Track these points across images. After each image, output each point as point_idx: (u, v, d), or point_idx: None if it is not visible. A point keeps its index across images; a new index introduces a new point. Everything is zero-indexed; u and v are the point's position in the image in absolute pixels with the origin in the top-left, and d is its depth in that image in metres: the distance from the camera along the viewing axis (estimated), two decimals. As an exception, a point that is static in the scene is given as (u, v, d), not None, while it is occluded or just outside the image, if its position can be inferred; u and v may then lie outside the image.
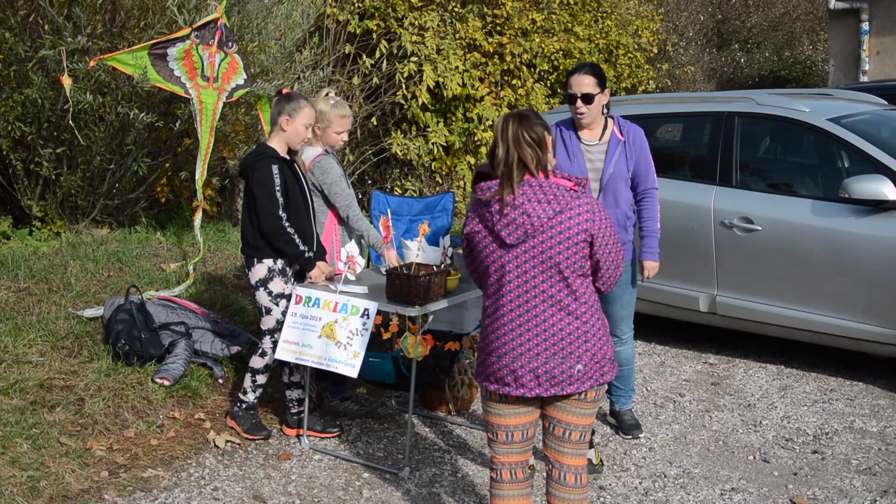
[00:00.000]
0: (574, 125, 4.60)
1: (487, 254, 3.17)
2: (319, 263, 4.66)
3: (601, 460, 4.51)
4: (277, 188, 4.45)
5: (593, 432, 4.46)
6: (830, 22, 14.21)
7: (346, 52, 9.21)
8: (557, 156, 4.47)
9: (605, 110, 4.59)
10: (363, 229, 4.84)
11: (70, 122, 6.10)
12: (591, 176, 4.51)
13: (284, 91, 4.73)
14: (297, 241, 4.49)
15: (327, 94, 4.80)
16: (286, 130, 4.55)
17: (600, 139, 4.57)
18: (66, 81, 5.80)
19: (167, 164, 7.46)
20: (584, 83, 4.48)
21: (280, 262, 4.59)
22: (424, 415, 5.20)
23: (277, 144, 4.57)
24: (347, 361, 4.31)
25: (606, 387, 4.56)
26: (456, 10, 9.60)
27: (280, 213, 4.45)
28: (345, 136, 4.89)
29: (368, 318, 4.30)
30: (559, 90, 10.56)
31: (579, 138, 4.58)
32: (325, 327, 4.38)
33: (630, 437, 4.88)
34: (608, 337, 3.22)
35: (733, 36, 18.90)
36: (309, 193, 4.68)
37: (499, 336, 3.17)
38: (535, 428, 3.32)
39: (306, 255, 4.52)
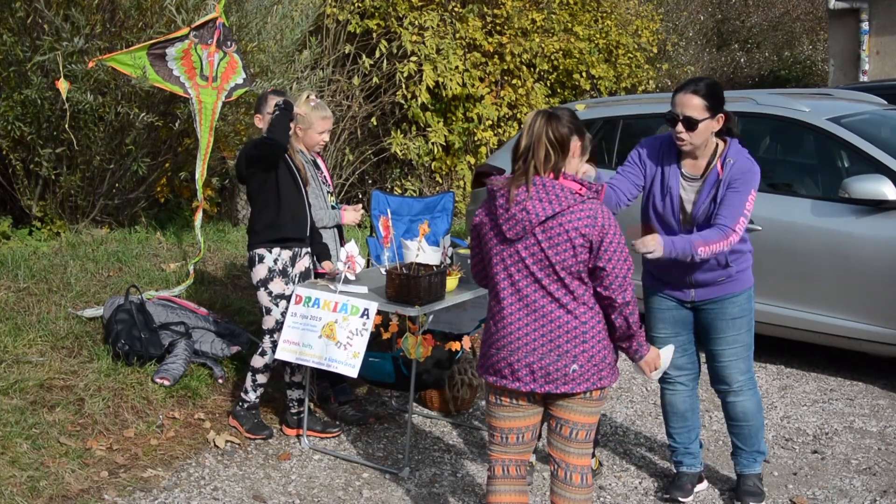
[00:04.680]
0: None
1: (491, 246, 3.20)
2: (325, 263, 4.75)
3: (600, 463, 4.51)
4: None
5: (597, 442, 4.45)
6: (830, 22, 14.21)
7: (346, 51, 9.21)
8: (652, 189, 3.97)
9: (713, 134, 3.88)
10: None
11: (65, 126, 6.09)
12: (683, 217, 3.93)
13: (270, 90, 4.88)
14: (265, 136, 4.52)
15: (308, 97, 4.84)
16: (261, 128, 4.71)
17: (702, 174, 3.88)
18: (63, 86, 5.80)
19: (167, 164, 7.47)
20: (690, 104, 3.78)
21: (280, 263, 4.61)
22: (424, 415, 5.20)
23: None
24: (347, 361, 4.32)
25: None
26: (456, 9, 9.60)
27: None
28: (325, 137, 4.92)
29: (368, 318, 4.30)
30: (559, 90, 10.56)
31: (680, 169, 3.92)
32: (325, 327, 4.38)
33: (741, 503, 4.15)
34: (610, 342, 3.21)
35: (733, 36, 18.90)
36: (304, 187, 4.70)
37: (499, 329, 3.20)
38: (532, 432, 3.33)
39: (273, 141, 4.48)
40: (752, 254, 4.07)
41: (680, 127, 3.81)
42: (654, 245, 3.73)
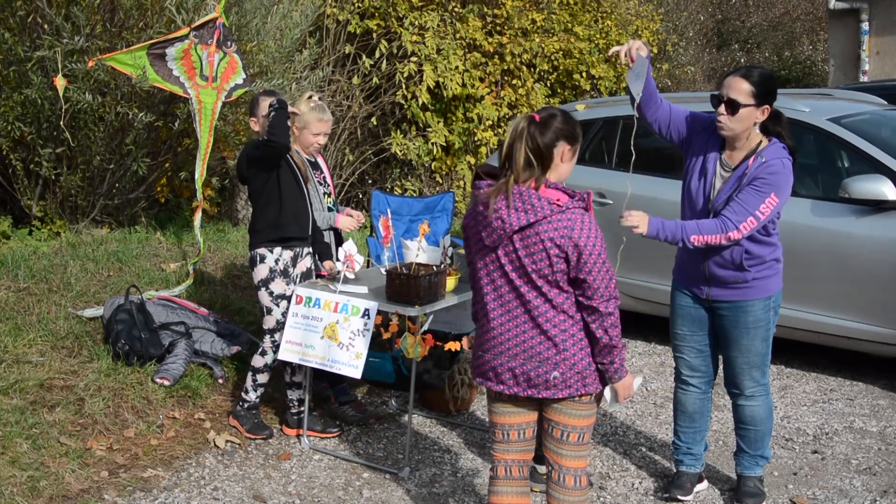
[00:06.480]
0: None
1: (476, 251, 3.22)
2: (326, 263, 4.76)
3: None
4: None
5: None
6: (830, 22, 14.22)
7: (346, 51, 9.21)
8: (693, 167, 3.93)
9: (758, 128, 3.81)
10: None
11: (62, 124, 6.08)
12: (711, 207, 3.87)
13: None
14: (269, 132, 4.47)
15: (310, 97, 4.82)
16: (257, 131, 4.71)
17: (736, 167, 3.81)
18: (60, 83, 5.79)
19: (167, 164, 7.47)
20: (737, 87, 3.71)
21: (281, 263, 4.62)
22: (424, 415, 5.20)
23: None
24: (350, 362, 4.32)
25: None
26: (456, 10, 9.59)
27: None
28: (321, 140, 4.85)
29: (369, 318, 4.31)
30: (559, 90, 10.55)
31: (720, 155, 3.85)
32: (326, 328, 4.39)
33: None
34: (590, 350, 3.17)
35: (733, 36, 18.92)
36: (305, 185, 4.70)
37: (485, 332, 3.23)
38: (533, 429, 3.34)
39: (274, 139, 4.44)
40: (781, 264, 4.01)
41: (722, 109, 3.73)
42: (639, 221, 3.66)
